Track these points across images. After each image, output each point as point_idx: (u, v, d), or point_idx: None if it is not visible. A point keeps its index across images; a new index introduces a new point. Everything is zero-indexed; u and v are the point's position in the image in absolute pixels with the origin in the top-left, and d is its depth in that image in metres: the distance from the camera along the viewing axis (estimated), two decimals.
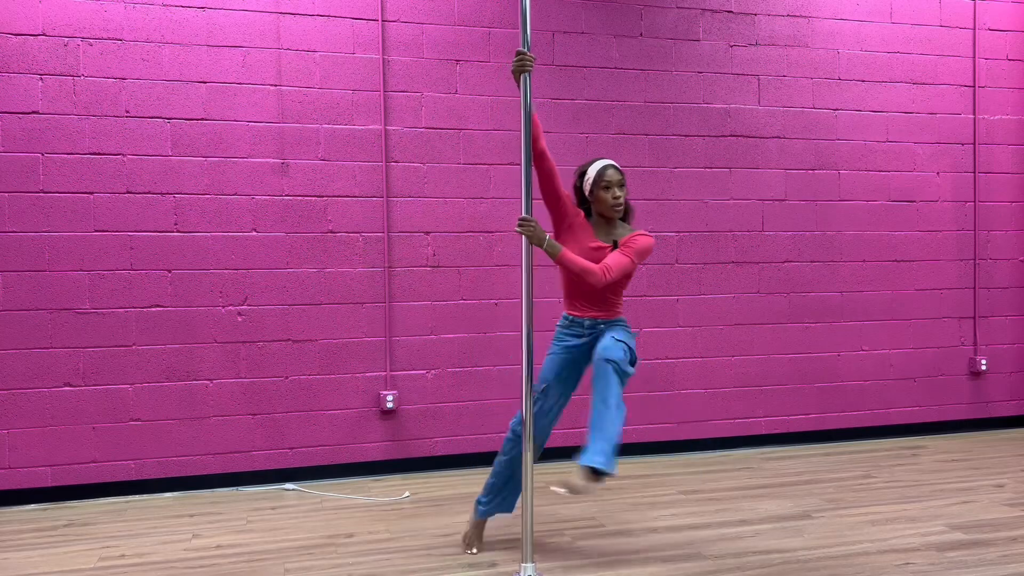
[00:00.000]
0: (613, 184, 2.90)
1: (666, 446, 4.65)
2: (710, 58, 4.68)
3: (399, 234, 4.26)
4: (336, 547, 3.19)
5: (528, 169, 2.78)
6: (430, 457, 4.33)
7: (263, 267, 4.08)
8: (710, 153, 4.69)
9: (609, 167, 2.93)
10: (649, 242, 2.92)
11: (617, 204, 2.90)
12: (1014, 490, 3.85)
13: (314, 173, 4.14)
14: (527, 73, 2.74)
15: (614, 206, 2.90)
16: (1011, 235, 5.19)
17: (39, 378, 3.83)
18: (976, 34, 5.07)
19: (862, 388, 4.96)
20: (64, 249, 3.84)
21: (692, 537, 3.23)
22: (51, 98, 3.81)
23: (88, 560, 3.09)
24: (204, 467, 4.03)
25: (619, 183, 2.91)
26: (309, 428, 4.15)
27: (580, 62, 4.49)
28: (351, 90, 4.18)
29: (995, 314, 5.17)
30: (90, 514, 3.68)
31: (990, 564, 2.91)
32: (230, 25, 4.02)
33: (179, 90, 3.96)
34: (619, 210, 2.92)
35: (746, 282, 4.76)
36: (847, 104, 4.89)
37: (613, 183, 2.90)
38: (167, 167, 3.95)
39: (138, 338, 3.93)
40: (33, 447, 3.83)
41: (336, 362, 4.18)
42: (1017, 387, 5.23)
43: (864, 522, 3.40)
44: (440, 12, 4.29)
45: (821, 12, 4.85)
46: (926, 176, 5.04)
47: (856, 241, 4.92)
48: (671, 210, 4.63)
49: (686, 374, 4.67)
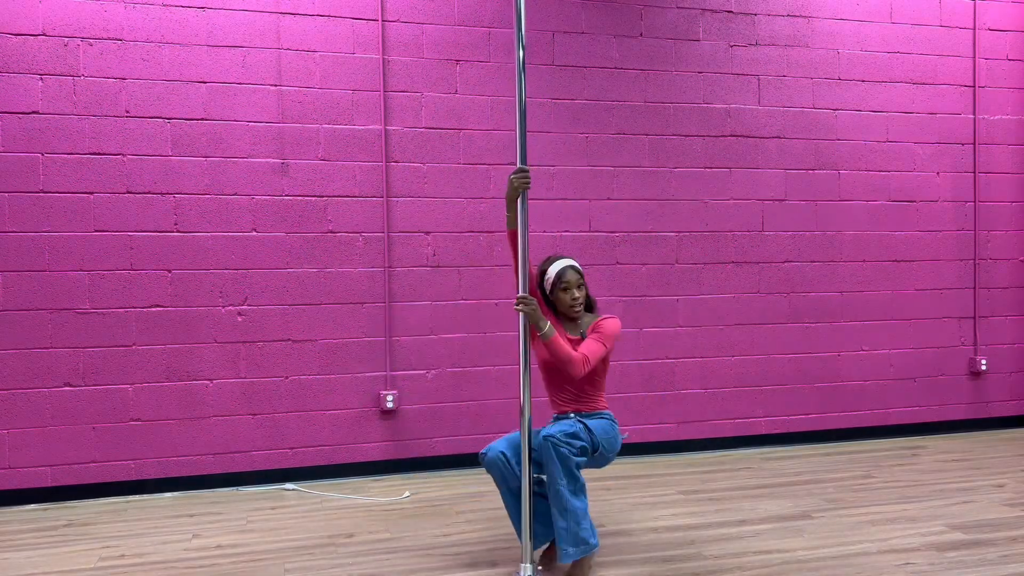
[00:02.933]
0: (571, 286, 2.92)
1: (666, 446, 4.65)
2: (710, 58, 4.68)
3: (399, 234, 4.26)
4: (336, 547, 3.19)
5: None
6: (430, 457, 4.33)
7: (263, 267, 4.08)
8: (710, 153, 4.69)
9: (567, 269, 2.93)
10: (616, 325, 2.94)
11: (575, 305, 2.93)
12: (1014, 490, 3.85)
13: (314, 173, 4.14)
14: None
15: (571, 307, 2.93)
16: (1011, 235, 5.19)
17: (39, 378, 3.83)
18: (976, 34, 5.07)
19: (862, 388, 4.96)
20: (64, 249, 3.84)
21: (692, 537, 3.23)
22: (51, 98, 3.81)
23: (88, 560, 3.09)
24: (204, 467, 4.03)
25: (577, 284, 2.93)
26: (309, 428, 4.15)
27: (580, 62, 4.49)
28: (351, 90, 4.18)
29: (995, 314, 5.17)
30: (90, 514, 3.68)
31: (990, 564, 2.91)
32: (230, 25, 4.02)
33: (179, 90, 3.96)
34: (577, 312, 2.95)
35: (746, 282, 4.76)
36: (847, 104, 4.89)
37: (572, 285, 2.92)
38: (167, 167, 3.95)
39: (138, 338, 3.93)
40: (33, 447, 3.83)
41: (336, 362, 4.18)
42: (1017, 387, 5.23)
43: (864, 522, 3.39)
44: (440, 12, 4.29)
45: (821, 12, 4.85)
46: (926, 176, 5.04)
47: (856, 241, 4.92)
48: (671, 210, 4.63)
49: (686, 374, 4.67)
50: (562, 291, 2.93)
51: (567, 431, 2.71)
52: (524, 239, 2.76)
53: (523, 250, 2.76)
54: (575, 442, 2.71)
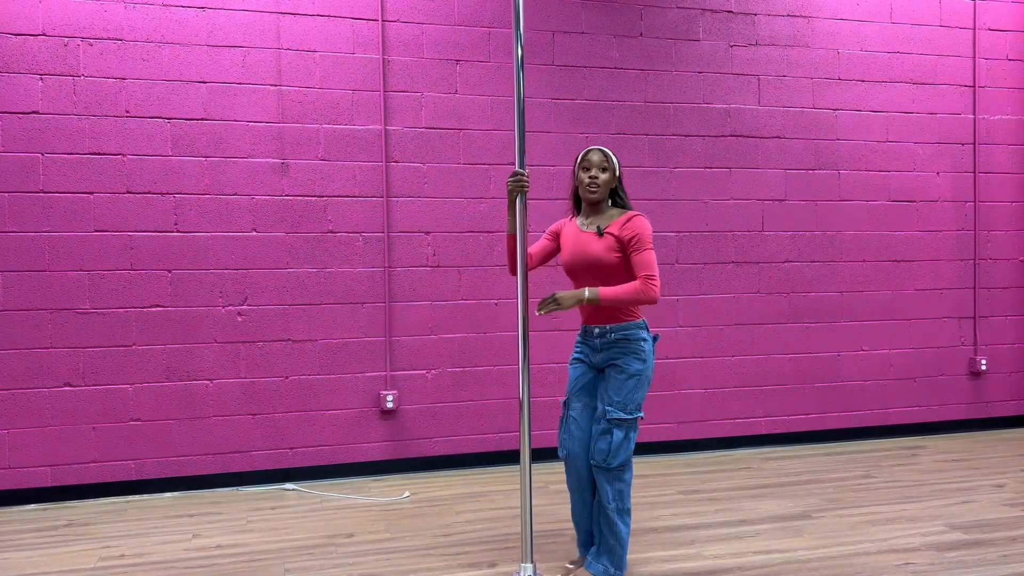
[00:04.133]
0: (592, 165, 2.75)
1: (666, 446, 4.65)
2: (710, 58, 4.68)
3: (399, 234, 4.26)
4: (336, 547, 3.19)
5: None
6: (430, 457, 4.33)
7: (263, 267, 4.08)
8: (710, 153, 4.69)
9: (593, 150, 2.79)
10: (646, 225, 2.74)
11: (591, 185, 2.75)
12: (1014, 490, 3.85)
13: (314, 173, 4.14)
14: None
15: (589, 186, 2.75)
16: (1011, 235, 5.19)
17: (39, 378, 3.83)
18: (976, 34, 5.07)
19: (862, 388, 4.96)
20: (64, 249, 3.84)
21: (692, 537, 3.23)
22: (51, 98, 3.81)
23: (88, 560, 3.09)
24: (204, 467, 4.03)
25: (599, 164, 2.75)
26: (309, 428, 4.15)
27: (580, 62, 4.49)
28: (351, 90, 4.18)
29: (995, 314, 5.17)
30: (90, 514, 3.68)
31: (990, 564, 2.91)
32: (230, 25, 4.02)
33: (179, 90, 3.96)
34: (593, 191, 2.74)
35: (746, 282, 4.76)
36: (847, 104, 4.89)
37: (592, 164, 2.76)
38: (167, 167, 3.95)
39: (138, 338, 3.93)
40: (33, 447, 3.83)
41: (336, 362, 4.18)
42: (1017, 387, 5.23)
43: (864, 522, 3.39)
44: (440, 12, 4.29)
45: (821, 12, 4.85)
46: (926, 176, 5.04)
47: (856, 241, 4.92)
48: (671, 210, 4.63)
49: (686, 374, 4.67)
50: (582, 170, 2.77)
51: (603, 447, 2.66)
52: (523, 240, 2.73)
53: (522, 251, 2.68)
54: (631, 429, 2.68)
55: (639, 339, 2.73)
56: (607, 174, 2.76)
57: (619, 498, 2.71)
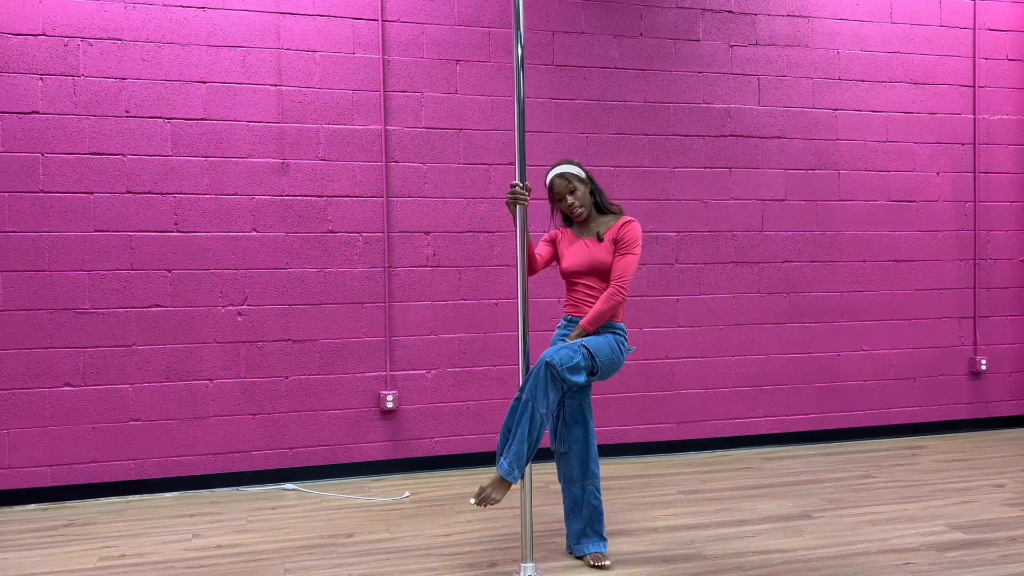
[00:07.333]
0: (562, 195, 2.95)
1: (666, 446, 4.65)
2: (710, 58, 4.68)
3: (399, 234, 4.26)
4: (336, 547, 3.19)
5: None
6: (430, 457, 4.33)
7: (263, 267, 4.08)
8: (710, 153, 4.69)
9: (554, 180, 2.96)
10: (637, 231, 2.93)
11: (572, 210, 2.95)
12: (1014, 490, 3.85)
13: (314, 173, 4.14)
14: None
15: (571, 212, 2.96)
16: (1011, 235, 5.19)
17: (39, 378, 3.83)
18: (976, 34, 5.07)
19: (862, 388, 4.96)
20: (64, 249, 3.84)
21: (692, 537, 3.23)
22: (51, 98, 3.81)
23: (88, 560, 3.09)
24: (204, 467, 4.03)
25: (566, 189, 2.94)
26: (309, 428, 4.15)
27: (580, 62, 4.49)
28: (351, 90, 4.18)
29: (995, 314, 5.17)
30: (90, 514, 3.68)
31: (990, 564, 2.91)
32: (230, 25, 4.02)
33: (179, 90, 3.96)
34: (578, 213, 2.95)
35: (746, 282, 4.76)
36: (847, 104, 4.89)
37: (562, 194, 2.94)
38: (167, 167, 3.95)
39: (138, 338, 3.93)
40: (33, 447, 3.83)
41: (336, 362, 4.18)
42: (1017, 387, 5.23)
43: (864, 522, 3.40)
44: (440, 12, 4.29)
45: (821, 12, 4.85)
46: (926, 176, 5.04)
47: (856, 241, 4.92)
48: (671, 210, 4.63)
49: (686, 374, 4.68)
50: (557, 202, 2.99)
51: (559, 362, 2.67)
52: (524, 246, 2.75)
53: (522, 254, 2.74)
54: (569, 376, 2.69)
55: (617, 331, 2.93)
56: (580, 190, 2.94)
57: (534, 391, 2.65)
